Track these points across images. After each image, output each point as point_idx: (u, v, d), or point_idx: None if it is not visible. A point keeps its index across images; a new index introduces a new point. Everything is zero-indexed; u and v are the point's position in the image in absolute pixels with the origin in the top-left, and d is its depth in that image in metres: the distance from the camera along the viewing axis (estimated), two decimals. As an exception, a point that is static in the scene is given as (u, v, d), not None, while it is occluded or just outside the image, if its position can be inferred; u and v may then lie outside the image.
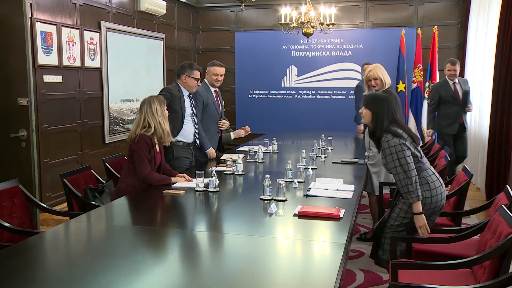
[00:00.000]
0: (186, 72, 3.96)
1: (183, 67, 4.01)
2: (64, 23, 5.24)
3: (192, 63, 4.05)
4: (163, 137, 3.43)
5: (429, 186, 2.88)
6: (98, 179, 3.65)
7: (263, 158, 4.22)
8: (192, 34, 8.54)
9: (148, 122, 3.38)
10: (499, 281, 2.07)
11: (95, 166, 5.33)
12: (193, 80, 3.96)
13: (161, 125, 3.40)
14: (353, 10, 7.94)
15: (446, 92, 5.62)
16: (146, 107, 3.42)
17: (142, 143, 3.33)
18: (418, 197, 2.81)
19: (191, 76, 3.95)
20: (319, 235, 2.45)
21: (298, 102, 8.20)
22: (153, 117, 3.39)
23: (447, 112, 5.64)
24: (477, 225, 2.74)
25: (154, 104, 3.42)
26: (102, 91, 5.94)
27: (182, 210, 2.93)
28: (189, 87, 3.99)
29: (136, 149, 3.33)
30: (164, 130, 3.42)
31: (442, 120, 5.69)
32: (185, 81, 3.97)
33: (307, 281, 1.87)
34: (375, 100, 2.99)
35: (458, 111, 5.61)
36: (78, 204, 3.26)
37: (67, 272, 1.95)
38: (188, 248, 2.30)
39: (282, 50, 8.17)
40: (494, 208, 2.88)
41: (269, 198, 2.88)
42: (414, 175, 2.82)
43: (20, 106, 4.13)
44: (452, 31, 7.55)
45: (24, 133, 4.12)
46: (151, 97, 3.48)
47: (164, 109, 3.47)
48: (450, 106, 5.62)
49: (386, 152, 2.87)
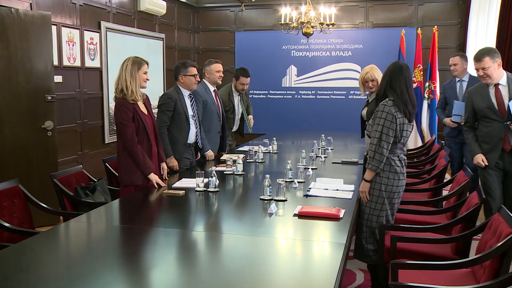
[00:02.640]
0: (181, 72, 3.94)
1: (177, 68, 3.99)
2: (64, 23, 5.24)
3: (185, 61, 4.03)
4: (127, 95, 3.24)
5: (389, 168, 2.91)
6: (90, 178, 3.63)
7: (263, 158, 4.22)
8: (192, 34, 8.54)
9: (120, 83, 3.26)
10: (499, 281, 2.07)
11: (95, 166, 5.35)
12: (190, 77, 3.94)
13: (126, 82, 3.23)
14: (353, 10, 7.94)
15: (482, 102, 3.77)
16: (120, 68, 3.30)
17: (120, 108, 3.23)
18: (377, 168, 2.87)
19: (187, 74, 3.93)
20: (319, 235, 2.45)
21: (298, 102, 8.20)
22: (122, 75, 3.26)
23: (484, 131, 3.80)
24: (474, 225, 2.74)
25: (126, 62, 3.29)
26: (102, 91, 5.94)
27: (182, 210, 2.93)
28: (189, 86, 3.96)
29: (115, 117, 3.25)
30: (129, 88, 3.23)
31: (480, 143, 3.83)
32: (183, 81, 3.95)
33: (307, 281, 1.87)
34: (396, 66, 2.98)
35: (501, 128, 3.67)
36: (70, 203, 3.26)
37: (67, 272, 1.95)
38: (188, 248, 2.30)
39: (282, 50, 8.17)
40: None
41: (269, 198, 2.88)
42: (387, 148, 2.85)
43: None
44: (452, 31, 7.55)
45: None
46: (129, 56, 3.35)
47: (136, 68, 3.27)
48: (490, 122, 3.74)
49: (378, 114, 2.90)
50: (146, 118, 3.34)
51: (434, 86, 7.01)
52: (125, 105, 3.23)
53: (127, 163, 3.27)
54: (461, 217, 2.84)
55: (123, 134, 3.24)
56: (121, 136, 3.26)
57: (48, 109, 4.70)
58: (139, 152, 3.24)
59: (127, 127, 3.22)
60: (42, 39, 4.60)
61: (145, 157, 3.27)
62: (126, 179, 3.29)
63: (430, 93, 7.04)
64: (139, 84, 3.31)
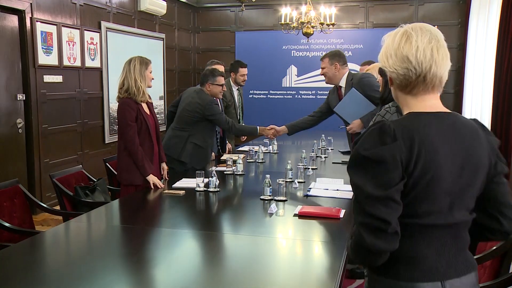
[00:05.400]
0: (209, 80, 3.91)
1: (205, 75, 3.95)
2: (64, 23, 5.24)
3: (214, 69, 4.00)
4: (137, 95, 3.24)
5: None
6: (90, 178, 3.63)
7: (263, 158, 4.22)
8: (192, 34, 8.54)
9: (126, 83, 3.25)
10: (499, 281, 2.07)
11: (95, 166, 5.34)
12: (217, 86, 3.92)
13: (136, 82, 3.23)
14: (353, 10, 7.93)
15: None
16: (125, 67, 3.29)
17: (124, 108, 3.23)
18: None
19: (215, 83, 3.91)
20: (319, 235, 2.45)
21: (298, 102, 8.19)
22: (130, 75, 3.25)
23: None
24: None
25: (133, 62, 3.28)
26: (102, 91, 5.94)
27: (182, 210, 2.92)
28: (214, 94, 3.94)
29: (118, 117, 3.26)
30: (140, 88, 3.23)
31: None
32: (210, 89, 3.91)
33: (307, 281, 1.87)
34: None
35: None
36: (70, 203, 3.26)
37: (67, 272, 1.95)
38: (188, 248, 2.30)
39: (282, 50, 8.16)
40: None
41: (269, 198, 2.88)
42: None
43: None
44: (452, 31, 7.54)
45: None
46: (133, 56, 3.35)
47: (144, 68, 3.28)
48: None
49: (378, 118, 2.74)
50: (149, 118, 3.35)
51: (434, 86, 7.01)
52: (129, 105, 3.24)
53: (127, 162, 3.27)
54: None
55: (124, 134, 3.24)
56: (122, 135, 3.26)
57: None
58: (139, 153, 3.24)
59: (130, 127, 3.23)
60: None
61: (144, 158, 3.27)
62: (126, 179, 3.29)
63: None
64: (147, 84, 3.32)
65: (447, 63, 1.32)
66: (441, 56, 1.30)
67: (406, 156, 1.22)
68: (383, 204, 1.20)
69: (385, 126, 1.25)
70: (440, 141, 1.26)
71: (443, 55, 1.30)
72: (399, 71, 1.31)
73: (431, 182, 1.24)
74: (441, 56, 1.30)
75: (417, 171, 1.23)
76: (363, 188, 1.22)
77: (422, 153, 1.23)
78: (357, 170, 1.25)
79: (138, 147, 3.25)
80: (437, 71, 1.30)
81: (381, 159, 1.21)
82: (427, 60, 1.28)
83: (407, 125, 1.26)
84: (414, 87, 1.32)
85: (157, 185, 3.27)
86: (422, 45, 1.28)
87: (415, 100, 1.33)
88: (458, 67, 7.49)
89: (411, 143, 1.23)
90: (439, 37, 1.32)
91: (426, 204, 1.26)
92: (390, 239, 1.22)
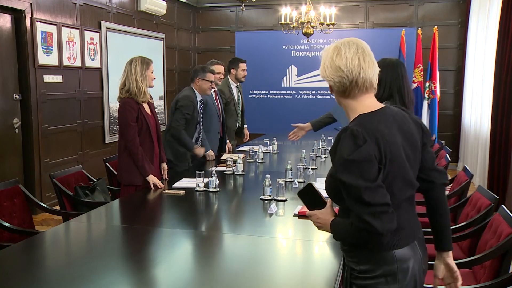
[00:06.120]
0: (199, 75, 3.97)
1: (195, 70, 4.03)
2: (64, 23, 5.24)
3: (205, 66, 4.07)
4: (138, 96, 3.24)
5: None
6: (90, 178, 3.63)
7: (263, 158, 4.22)
8: (192, 34, 8.54)
9: (127, 83, 3.25)
10: (499, 281, 2.07)
11: (95, 166, 5.35)
12: (207, 82, 3.97)
13: (137, 83, 3.23)
14: (353, 10, 7.93)
15: None
16: (127, 67, 3.30)
17: (125, 108, 3.24)
18: None
19: (204, 79, 3.96)
20: (319, 235, 2.44)
21: (298, 102, 8.20)
22: (131, 75, 3.25)
23: None
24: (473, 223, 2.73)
25: (134, 62, 3.29)
26: (102, 91, 5.94)
27: (182, 210, 2.92)
28: (203, 90, 3.99)
29: (118, 117, 3.27)
30: (141, 88, 3.23)
31: None
32: (199, 85, 3.98)
33: (307, 281, 1.87)
34: (384, 64, 2.65)
35: None
36: (70, 203, 3.26)
37: (67, 272, 1.95)
38: (189, 248, 2.30)
39: (282, 50, 8.17)
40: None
41: (269, 198, 2.88)
42: None
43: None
44: (452, 31, 7.55)
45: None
46: (134, 57, 3.35)
47: (145, 68, 3.28)
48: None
49: None
50: (150, 118, 3.36)
51: (434, 86, 7.01)
52: (130, 105, 3.24)
53: (128, 162, 3.27)
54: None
55: (125, 134, 3.25)
56: (123, 135, 3.27)
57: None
58: (139, 153, 3.25)
59: (130, 128, 3.23)
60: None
61: (144, 159, 3.27)
62: (126, 178, 3.29)
63: (430, 93, 7.04)
64: (148, 84, 3.33)
65: (374, 68, 1.55)
66: (367, 63, 1.53)
67: (377, 152, 1.44)
68: (377, 192, 1.42)
69: (354, 131, 1.45)
70: (392, 133, 1.49)
71: (369, 62, 1.54)
72: (335, 79, 1.54)
73: (399, 167, 1.48)
74: (367, 63, 1.53)
75: (388, 162, 1.45)
76: (357, 184, 1.41)
77: (387, 147, 1.45)
78: (347, 173, 1.44)
79: (138, 148, 3.25)
80: (366, 76, 1.52)
81: (362, 159, 1.42)
82: (355, 67, 1.52)
83: (366, 126, 1.47)
84: (350, 91, 1.54)
85: (157, 185, 3.27)
86: (350, 56, 1.53)
87: (356, 102, 1.56)
88: (458, 67, 7.49)
89: (376, 140, 1.44)
90: (365, 47, 1.58)
91: (398, 184, 1.50)
92: (392, 218, 1.43)
